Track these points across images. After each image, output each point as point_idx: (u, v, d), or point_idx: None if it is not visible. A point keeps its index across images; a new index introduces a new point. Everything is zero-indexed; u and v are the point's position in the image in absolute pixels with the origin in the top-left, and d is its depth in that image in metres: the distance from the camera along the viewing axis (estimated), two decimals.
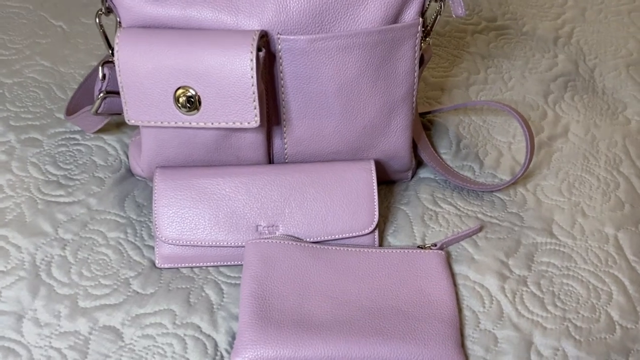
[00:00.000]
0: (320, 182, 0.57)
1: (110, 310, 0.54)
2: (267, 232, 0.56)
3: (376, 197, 0.57)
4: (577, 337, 0.53)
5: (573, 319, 0.54)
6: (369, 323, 0.50)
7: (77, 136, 0.68)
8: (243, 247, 0.56)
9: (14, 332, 0.52)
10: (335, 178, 0.57)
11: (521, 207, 0.63)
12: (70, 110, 0.66)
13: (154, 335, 0.52)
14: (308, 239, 0.56)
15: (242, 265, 0.56)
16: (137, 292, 0.55)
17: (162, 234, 0.56)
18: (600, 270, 0.57)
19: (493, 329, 0.53)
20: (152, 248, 0.58)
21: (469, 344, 0.52)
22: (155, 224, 0.56)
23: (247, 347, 0.49)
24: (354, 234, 0.57)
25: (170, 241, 0.56)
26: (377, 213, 0.57)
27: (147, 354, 0.51)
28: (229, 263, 0.57)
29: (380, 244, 0.59)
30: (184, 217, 0.56)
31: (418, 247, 0.57)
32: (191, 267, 0.57)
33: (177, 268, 0.57)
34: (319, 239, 0.56)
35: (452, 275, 0.56)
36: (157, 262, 0.56)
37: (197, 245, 0.56)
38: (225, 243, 0.56)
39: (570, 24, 0.85)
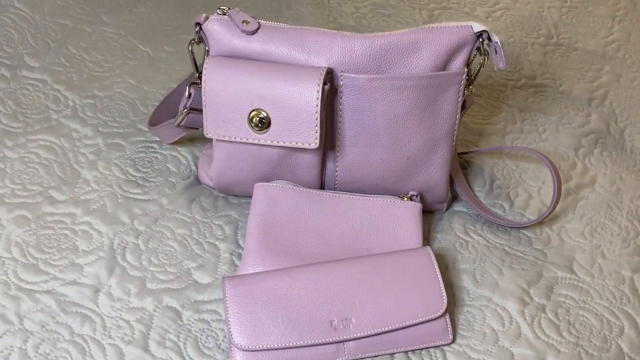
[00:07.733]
0: (384, 271, 0.58)
1: (172, 294, 0.62)
2: (341, 326, 0.55)
3: (441, 281, 0.58)
4: None
5: (585, 346, 0.59)
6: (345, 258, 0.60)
7: (155, 145, 0.77)
8: (318, 345, 0.56)
9: (91, 302, 0.60)
10: (398, 266, 0.59)
11: (545, 244, 0.69)
12: (152, 122, 0.76)
13: (209, 320, 0.60)
14: (381, 329, 0.56)
15: None
16: (197, 282, 0.63)
17: (236, 342, 0.55)
18: (615, 307, 0.63)
19: (510, 347, 0.59)
20: (213, 245, 0.67)
21: (486, 357, 0.58)
22: (229, 332, 0.55)
23: (248, 269, 0.61)
24: (426, 319, 0.57)
25: (245, 347, 0.55)
26: (445, 297, 0.58)
27: (201, 335, 0.59)
28: None
29: None
30: (257, 322, 0.55)
31: (399, 197, 0.66)
32: None
33: None
34: (392, 327, 0.56)
35: (422, 226, 0.65)
36: None
37: (273, 349, 0.55)
38: (301, 343, 0.55)
39: (605, 88, 0.92)
